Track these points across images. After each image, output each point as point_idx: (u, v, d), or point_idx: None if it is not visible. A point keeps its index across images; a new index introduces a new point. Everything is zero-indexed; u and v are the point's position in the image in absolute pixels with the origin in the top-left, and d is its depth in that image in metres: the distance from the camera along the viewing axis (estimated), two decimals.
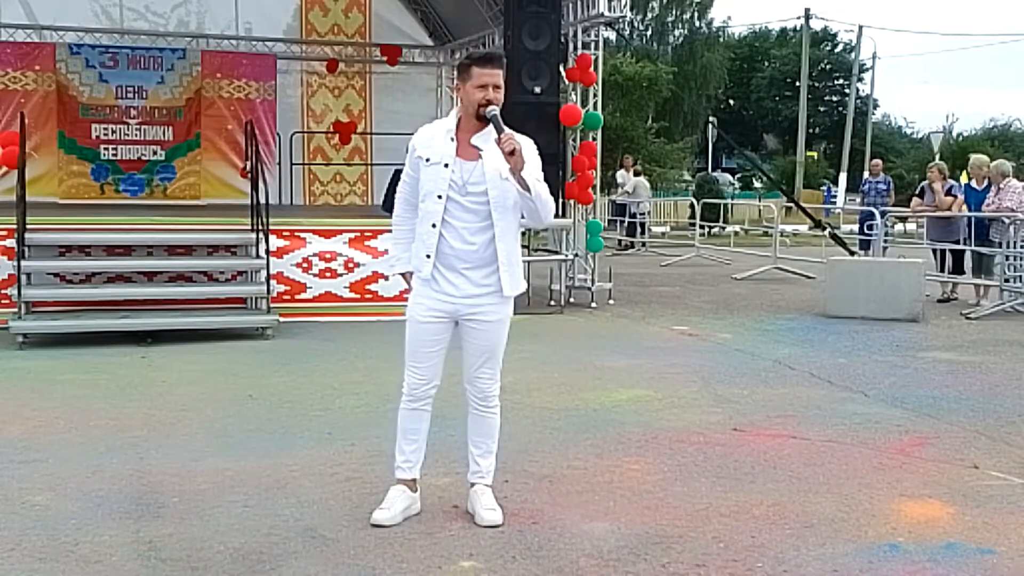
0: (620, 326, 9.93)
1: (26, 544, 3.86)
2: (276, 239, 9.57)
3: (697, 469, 4.97)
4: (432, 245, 3.97)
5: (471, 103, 3.94)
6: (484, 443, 4.24)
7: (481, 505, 4.14)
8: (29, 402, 6.25)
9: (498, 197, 3.94)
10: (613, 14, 11.16)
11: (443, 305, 4.04)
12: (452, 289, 4.01)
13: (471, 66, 3.96)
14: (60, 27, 13.44)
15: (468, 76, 3.95)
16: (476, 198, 3.95)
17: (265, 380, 7.02)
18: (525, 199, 3.93)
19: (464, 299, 4.02)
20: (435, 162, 3.97)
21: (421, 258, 4.02)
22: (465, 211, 3.95)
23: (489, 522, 4.07)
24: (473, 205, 3.95)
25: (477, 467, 4.23)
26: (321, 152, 15.13)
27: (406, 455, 4.24)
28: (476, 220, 3.96)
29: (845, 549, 3.88)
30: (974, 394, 6.83)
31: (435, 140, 4.03)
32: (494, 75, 3.92)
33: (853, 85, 42.61)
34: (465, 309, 4.04)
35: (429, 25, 15.42)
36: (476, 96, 3.91)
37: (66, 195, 13.17)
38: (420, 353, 4.11)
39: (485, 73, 3.92)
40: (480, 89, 3.91)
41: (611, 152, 24.96)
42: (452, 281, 4.01)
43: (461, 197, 3.95)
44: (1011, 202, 11.48)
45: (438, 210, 3.95)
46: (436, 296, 4.03)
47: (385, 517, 4.10)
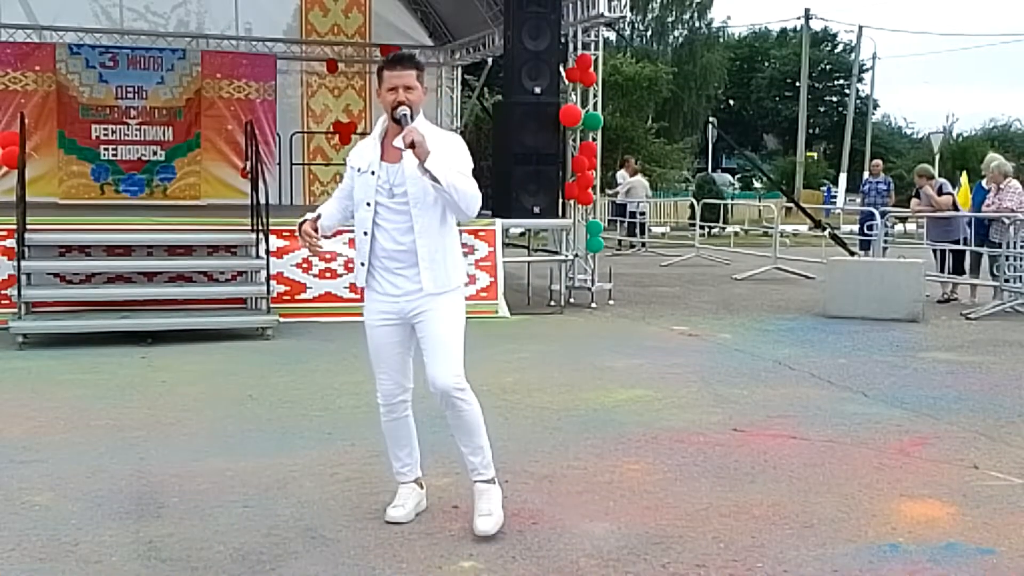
0: (620, 326, 9.93)
1: (26, 544, 3.86)
2: (276, 239, 9.57)
3: (697, 469, 4.97)
4: (365, 252, 4.04)
5: (385, 106, 3.95)
6: (471, 441, 4.09)
7: (477, 510, 4.04)
8: (29, 402, 6.25)
9: (416, 194, 3.92)
10: (613, 14, 11.15)
11: (388, 307, 4.07)
12: (392, 289, 4.03)
13: (382, 70, 3.97)
14: (60, 27, 13.44)
15: (380, 80, 3.97)
16: (401, 199, 3.96)
17: (265, 380, 7.03)
18: (440, 192, 3.82)
19: (404, 297, 4.02)
20: (364, 170, 4.02)
21: (358, 267, 4.10)
22: (394, 213, 3.97)
23: (480, 531, 3.95)
24: (399, 206, 3.97)
25: (472, 464, 4.16)
26: (321, 152, 15.14)
27: (402, 461, 4.27)
28: (404, 220, 3.97)
29: (845, 549, 3.88)
30: (974, 394, 6.83)
31: (365, 149, 4.09)
32: (403, 76, 3.90)
33: (853, 85, 42.62)
34: (408, 308, 4.04)
35: (429, 25, 15.43)
36: (388, 98, 3.92)
37: (66, 195, 13.18)
38: (381, 359, 4.19)
39: (394, 75, 3.91)
40: (391, 91, 3.91)
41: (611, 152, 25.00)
42: (391, 281, 4.04)
43: (388, 200, 3.97)
44: (1011, 202, 11.49)
45: (368, 217, 4.00)
46: (380, 299, 4.08)
47: (400, 515, 4.12)
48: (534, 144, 10.71)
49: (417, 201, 3.94)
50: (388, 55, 4.14)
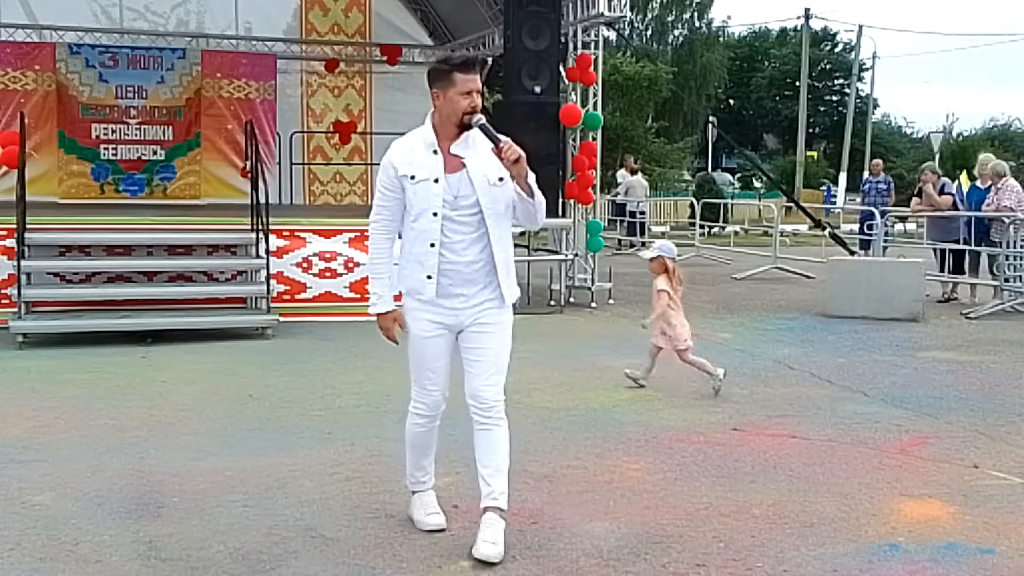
0: (620, 326, 9.92)
1: (26, 544, 3.86)
2: (276, 239, 9.57)
3: (697, 469, 4.97)
4: (433, 265, 3.77)
5: (454, 111, 3.73)
6: (493, 461, 3.93)
7: (483, 537, 3.78)
8: (29, 402, 6.25)
9: (490, 205, 3.75)
10: (613, 14, 11.16)
11: (445, 318, 3.87)
12: (456, 302, 3.83)
13: (452, 72, 3.72)
14: (60, 27, 13.43)
15: (450, 82, 3.72)
16: (468, 210, 3.76)
17: (265, 380, 7.03)
18: (526, 204, 3.76)
19: (467, 310, 3.85)
20: (423, 179, 3.76)
21: (420, 280, 3.81)
22: (459, 225, 3.76)
23: (483, 556, 3.71)
24: (465, 218, 3.76)
25: (489, 488, 3.89)
26: (321, 152, 15.14)
27: (425, 470, 4.16)
28: (470, 232, 3.77)
29: (845, 549, 3.88)
30: (974, 394, 6.83)
31: (416, 154, 3.81)
32: (476, 80, 3.73)
33: (853, 85, 42.61)
34: (468, 319, 3.87)
35: (429, 25, 15.42)
36: (462, 104, 3.70)
37: (66, 195, 13.17)
38: (431, 370, 3.97)
39: (469, 79, 3.71)
40: (465, 96, 3.70)
41: (611, 152, 24.99)
42: (453, 294, 3.82)
43: (453, 212, 3.76)
44: (1009, 201, 11.49)
45: (435, 228, 3.75)
46: (436, 311, 3.85)
47: (442, 520, 4.07)
48: (534, 144, 10.59)
49: (490, 212, 3.77)
50: (455, 56, 3.86)
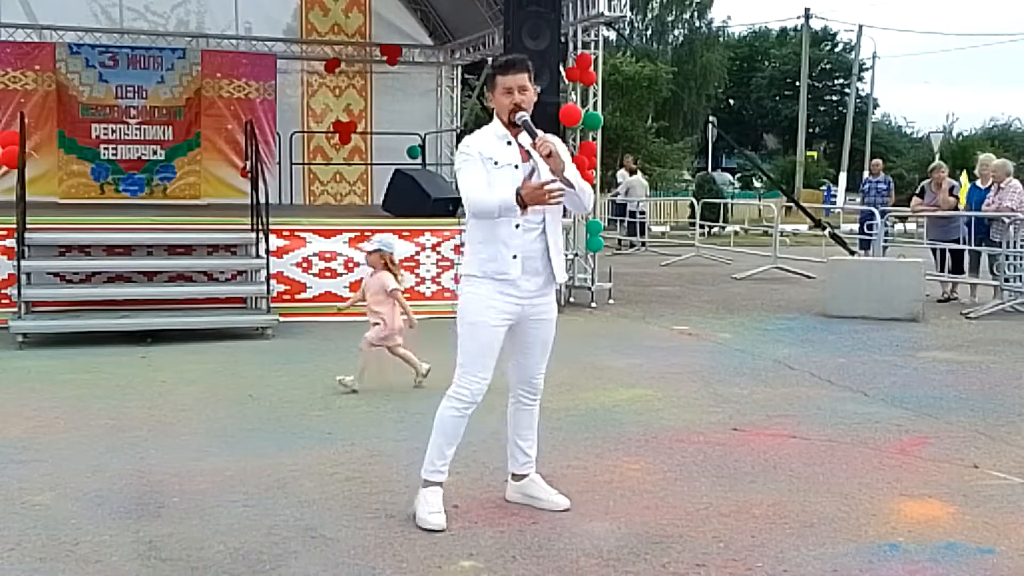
0: (620, 326, 9.93)
1: (26, 544, 3.86)
2: (276, 239, 9.58)
3: (697, 469, 4.97)
4: (519, 245, 3.99)
5: (501, 109, 4.01)
6: (531, 434, 4.33)
7: (548, 493, 4.29)
8: (29, 402, 6.25)
9: None
10: (613, 14, 11.15)
11: (515, 308, 4.06)
12: (529, 286, 4.05)
13: (495, 75, 4.04)
14: (60, 27, 13.44)
15: (494, 84, 4.04)
16: None
17: (265, 380, 7.03)
18: (570, 195, 4.00)
19: (532, 299, 4.08)
20: (504, 164, 4.00)
21: (506, 259, 4.00)
22: (531, 212, 3.98)
23: (565, 505, 4.24)
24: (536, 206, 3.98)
25: (527, 457, 4.33)
26: (321, 152, 15.14)
27: (447, 460, 4.20)
28: (536, 219, 4.02)
29: (845, 549, 3.88)
30: (974, 394, 6.83)
31: (492, 145, 4.05)
32: (518, 79, 3.98)
33: (853, 85, 42.61)
34: (530, 308, 4.10)
35: (429, 25, 15.42)
36: (504, 102, 3.99)
37: (66, 195, 13.18)
38: (488, 358, 4.07)
39: (509, 79, 3.99)
40: (506, 94, 3.98)
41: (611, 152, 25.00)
42: (527, 280, 4.05)
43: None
44: (1011, 202, 11.48)
45: (518, 210, 3.96)
46: (510, 299, 4.03)
47: (443, 521, 4.07)
48: None
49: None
50: (499, 59, 4.16)
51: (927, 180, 13.25)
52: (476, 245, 4.09)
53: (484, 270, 4.04)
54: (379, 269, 6.96)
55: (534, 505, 4.30)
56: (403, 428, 5.72)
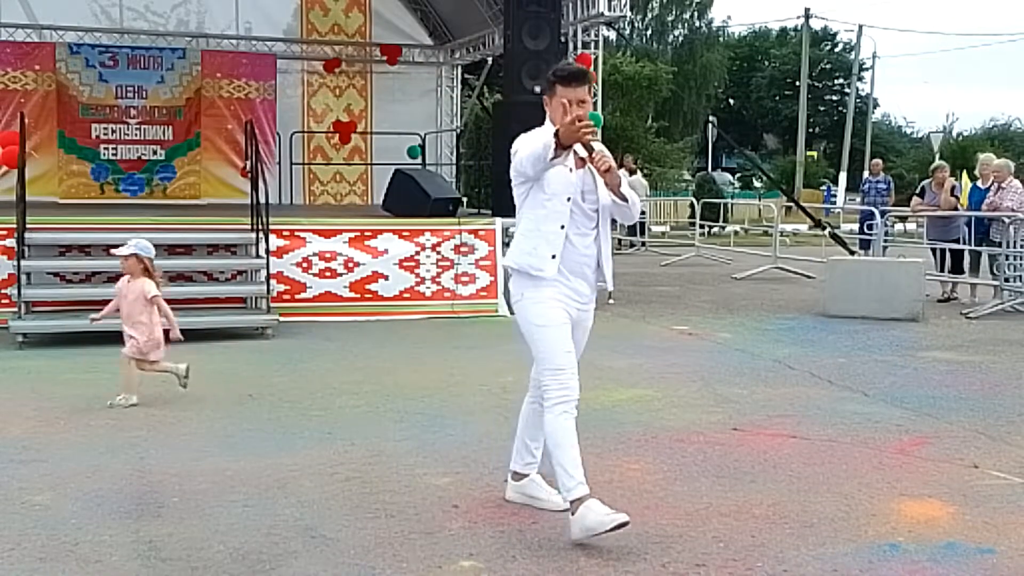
0: (620, 326, 9.92)
1: (26, 544, 3.86)
2: (276, 239, 9.57)
3: (697, 469, 4.97)
4: (559, 246, 3.97)
5: (555, 118, 3.96)
6: (543, 436, 4.19)
7: (548, 492, 4.26)
8: (29, 402, 6.25)
9: (605, 202, 4.03)
10: (613, 14, 11.17)
11: (570, 309, 4.04)
12: (580, 288, 4.04)
13: (555, 83, 3.99)
14: (60, 27, 13.45)
15: (553, 92, 3.99)
16: (590, 205, 4.02)
17: (265, 380, 7.02)
18: (620, 207, 4.04)
19: (582, 304, 4.08)
20: (560, 162, 3.93)
21: (544, 257, 3.98)
22: (583, 216, 4.00)
23: (565, 505, 4.05)
24: (588, 212, 4.02)
25: (533, 458, 4.31)
26: (321, 152, 15.15)
27: (581, 467, 3.93)
28: (589, 225, 4.03)
29: (845, 549, 3.88)
30: (974, 394, 6.83)
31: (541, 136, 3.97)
32: (578, 92, 3.95)
33: (853, 85, 42.62)
34: (579, 314, 4.08)
35: (429, 25, 15.43)
36: (559, 112, 3.94)
37: (66, 195, 13.18)
38: (569, 350, 4.01)
39: (568, 91, 3.95)
40: (563, 106, 3.93)
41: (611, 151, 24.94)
42: (577, 283, 4.04)
43: (581, 202, 4.00)
44: (1011, 202, 11.48)
45: (566, 212, 3.97)
46: (566, 300, 4.02)
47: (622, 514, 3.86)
48: None
49: (604, 208, 4.05)
50: (562, 69, 4.09)
51: (928, 180, 13.25)
52: (519, 237, 4.09)
53: (519, 262, 4.03)
54: (137, 276, 6.50)
55: (534, 505, 4.28)
56: (403, 428, 5.72)
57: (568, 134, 3.75)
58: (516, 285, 4.10)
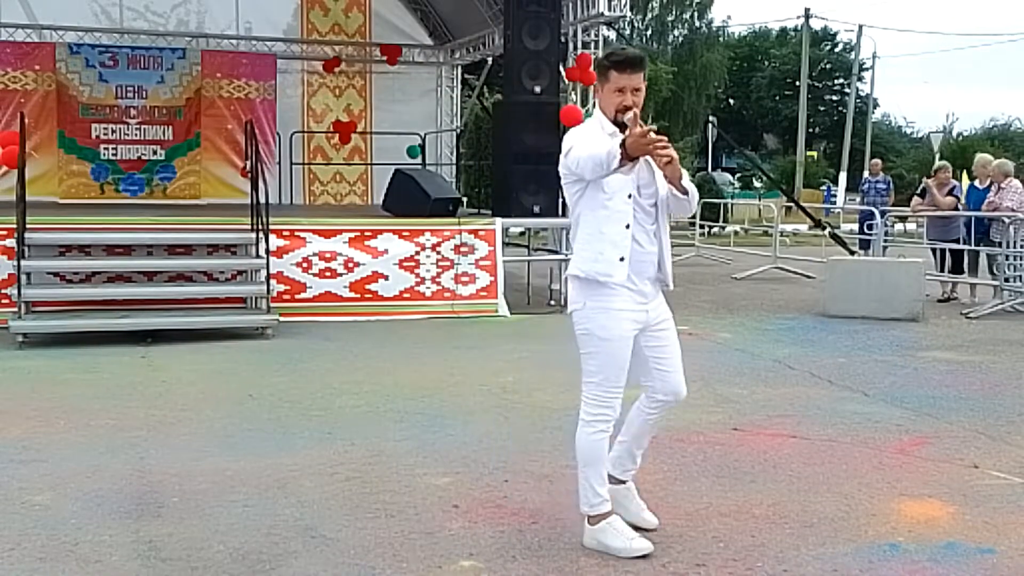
0: None
1: (26, 544, 3.86)
2: (276, 239, 9.57)
3: (697, 469, 4.97)
4: (626, 247, 3.75)
5: (609, 106, 3.77)
6: (645, 441, 4.10)
7: (639, 507, 4.10)
8: (29, 402, 6.25)
9: (663, 196, 3.82)
10: (613, 14, 11.16)
11: (641, 315, 3.82)
12: (644, 288, 3.83)
13: (609, 69, 3.75)
14: (60, 27, 13.44)
15: (605, 79, 3.77)
16: (648, 200, 3.80)
17: (265, 380, 7.02)
18: (680, 201, 3.80)
19: (650, 304, 3.86)
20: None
21: (611, 261, 3.74)
22: (643, 212, 3.78)
23: (654, 524, 4.03)
24: (648, 207, 3.80)
25: (635, 465, 4.14)
26: (321, 152, 15.13)
27: (607, 485, 3.92)
28: (650, 221, 3.82)
29: (845, 549, 3.88)
30: (974, 394, 6.83)
31: (600, 138, 3.74)
32: (633, 80, 3.72)
33: (853, 85, 42.62)
34: (653, 314, 3.87)
35: (429, 25, 15.43)
36: (614, 100, 3.73)
37: (66, 195, 13.17)
38: (624, 372, 3.83)
39: (623, 77, 3.72)
40: (618, 94, 3.73)
41: None
42: (642, 284, 3.82)
43: (639, 197, 3.78)
44: (1011, 202, 11.48)
45: (629, 210, 3.75)
46: (635, 307, 3.80)
47: (648, 544, 3.84)
48: (534, 144, 10.70)
49: (663, 203, 3.83)
50: (617, 53, 3.81)
51: (929, 179, 13.24)
52: (581, 242, 3.83)
53: (587, 270, 3.78)
54: None
55: (619, 513, 3.98)
56: (403, 428, 5.72)
57: (638, 147, 3.50)
58: (578, 292, 3.85)
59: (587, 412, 3.85)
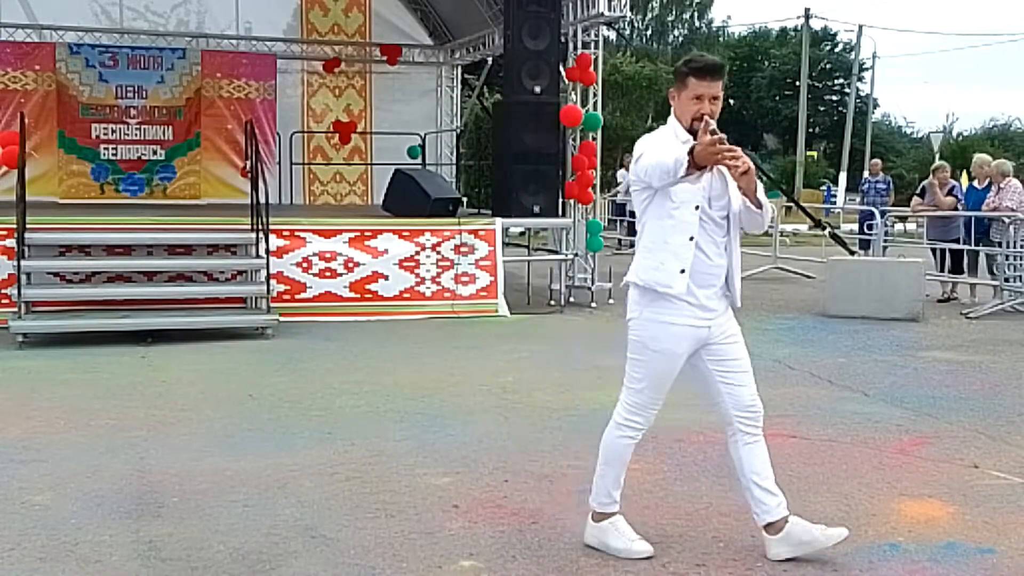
0: (620, 326, 9.81)
1: (26, 544, 3.86)
2: (276, 239, 9.57)
3: (697, 469, 4.97)
4: (688, 259, 3.64)
5: (685, 113, 3.67)
6: (769, 472, 3.82)
7: (819, 529, 3.80)
8: (29, 402, 6.25)
9: (735, 208, 3.71)
10: (613, 14, 11.16)
11: (700, 331, 3.72)
12: (708, 303, 3.71)
13: (688, 75, 3.66)
14: (60, 27, 13.44)
15: (683, 85, 3.68)
16: (719, 212, 3.70)
17: (265, 380, 7.03)
18: (753, 214, 3.69)
19: (715, 319, 3.74)
20: None
21: (672, 272, 3.65)
22: (713, 224, 3.68)
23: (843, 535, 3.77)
24: (718, 219, 3.70)
25: (777, 498, 3.80)
26: (321, 152, 15.13)
27: (621, 487, 3.92)
28: (720, 234, 3.71)
29: (845, 549, 3.87)
30: (974, 394, 6.84)
31: (673, 145, 3.63)
32: (712, 87, 3.64)
33: (853, 85, 42.61)
34: (716, 330, 3.76)
35: (429, 25, 15.43)
36: (691, 108, 3.64)
37: (66, 195, 13.17)
38: (666, 387, 3.80)
39: (702, 85, 3.63)
40: (695, 101, 3.63)
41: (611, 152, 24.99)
42: (707, 299, 3.70)
43: (708, 209, 3.68)
44: (1011, 202, 11.48)
45: (695, 222, 3.64)
46: (695, 322, 3.70)
47: (649, 547, 3.81)
48: (534, 144, 10.71)
49: (735, 216, 3.73)
50: (696, 60, 3.74)
51: (927, 179, 13.25)
52: (644, 250, 3.74)
53: (645, 279, 3.71)
54: None
55: (810, 549, 3.76)
56: (403, 428, 5.72)
57: (706, 156, 3.40)
58: (636, 301, 3.79)
59: (621, 415, 3.87)
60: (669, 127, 3.77)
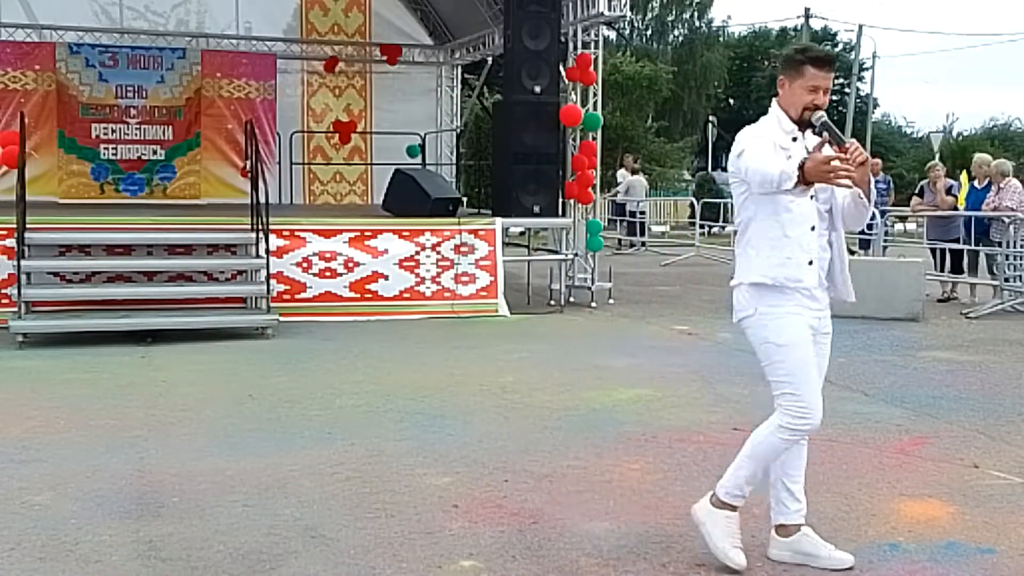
0: (620, 326, 9.93)
1: (26, 544, 3.86)
2: (276, 239, 9.57)
3: (697, 469, 4.97)
4: (814, 249, 3.56)
5: (795, 104, 3.56)
6: (802, 475, 3.78)
7: (828, 549, 3.73)
8: (29, 402, 6.25)
9: (840, 202, 3.62)
10: (613, 13, 11.16)
11: (815, 321, 3.64)
12: (820, 297, 3.65)
13: (805, 64, 3.54)
14: (60, 27, 13.44)
15: (799, 74, 3.55)
16: (824, 204, 3.61)
17: (265, 380, 7.02)
18: (860, 208, 3.57)
19: (819, 309, 3.66)
20: (796, 158, 3.44)
21: (800, 264, 3.55)
22: (819, 216, 3.59)
23: (850, 562, 3.69)
24: (822, 211, 3.61)
25: (800, 504, 3.76)
26: (321, 152, 15.14)
27: (754, 486, 3.75)
28: (825, 226, 3.62)
29: (845, 549, 3.87)
30: (974, 394, 6.84)
31: (779, 137, 3.58)
32: (828, 79, 3.55)
33: (853, 84, 42.60)
34: (822, 324, 3.68)
35: (429, 24, 15.43)
36: (804, 98, 3.54)
37: (66, 195, 13.17)
38: (811, 371, 3.62)
39: (820, 75, 3.53)
40: (811, 92, 3.53)
41: (611, 152, 25.00)
42: (821, 292, 3.66)
43: (816, 202, 3.58)
44: (1011, 202, 11.48)
45: (814, 211, 3.55)
46: (808, 312, 3.62)
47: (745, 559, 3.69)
48: (534, 143, 10.72)
49: (839, 209, 3.64)
50: (813, 48, 3.65)
51: (926, 180, 13.26)
52: (763, 248, 3.59)
53: (774, 276, 3.56)
54: None
55: (810, 564, 3.71)
56: (403, 428, 5.72)
57: (817, 173, 3.27)
58: (748, 299, 3.66)
59: (783, 419, 3.64)
60: (772, 116, 3.68)
